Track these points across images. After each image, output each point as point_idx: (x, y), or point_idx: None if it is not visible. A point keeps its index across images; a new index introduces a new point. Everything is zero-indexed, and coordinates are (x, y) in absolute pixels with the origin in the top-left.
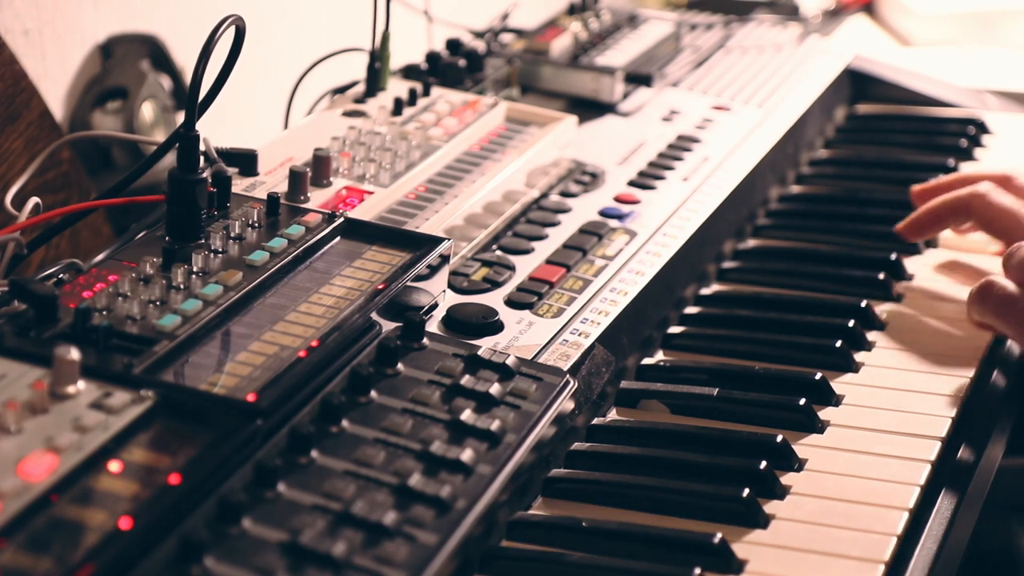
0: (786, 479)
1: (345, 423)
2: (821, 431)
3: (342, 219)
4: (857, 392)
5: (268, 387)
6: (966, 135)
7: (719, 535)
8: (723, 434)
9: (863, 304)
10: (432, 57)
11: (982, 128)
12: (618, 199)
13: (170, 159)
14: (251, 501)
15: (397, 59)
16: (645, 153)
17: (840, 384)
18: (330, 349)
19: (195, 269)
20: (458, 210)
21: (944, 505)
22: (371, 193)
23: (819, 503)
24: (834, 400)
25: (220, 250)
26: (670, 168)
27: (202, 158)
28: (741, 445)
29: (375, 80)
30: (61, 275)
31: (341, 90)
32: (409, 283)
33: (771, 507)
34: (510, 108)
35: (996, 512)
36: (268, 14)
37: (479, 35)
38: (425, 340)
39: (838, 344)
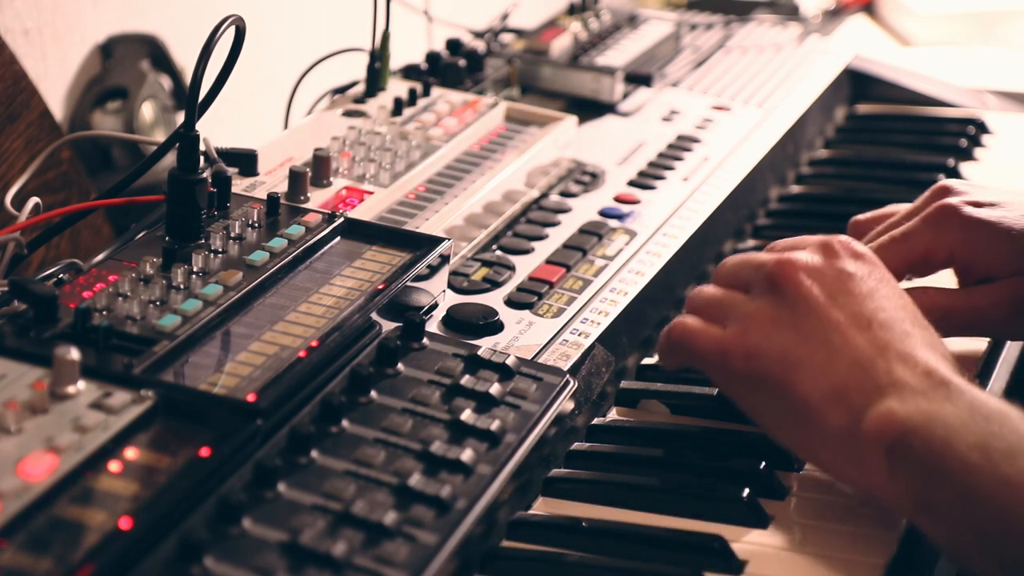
0: (786, 479)
1: (345, 423)
2: None
3: (342, 219)
4: None
5: (268, 387)
6: (966, 135)
7: (719, 535)
8: (723, 434)
9: None
10: (432, 57)
11: (982, 128)
12: (618, 199)
13: (170, 159)
14: (251, 501)
15: (397, 59)
16: (645, 153)
17: None
18: (330, 349)
19: (195, 269)
20: (458, 210)
21: None
22: (371, 193)
23: (819, 503)
24: None
25: (220, 250)
26: (670, 168)
27: (202, 158)
28: (741, 445)
29: (375, 80)
30: (61, 275)
31: (341, 90)
32: (409, 283)
33: (771, 507)
34: (510, 108)
35: None
36: (268, 14)
37: (479, 35)
38: (425, 340)
39: None
